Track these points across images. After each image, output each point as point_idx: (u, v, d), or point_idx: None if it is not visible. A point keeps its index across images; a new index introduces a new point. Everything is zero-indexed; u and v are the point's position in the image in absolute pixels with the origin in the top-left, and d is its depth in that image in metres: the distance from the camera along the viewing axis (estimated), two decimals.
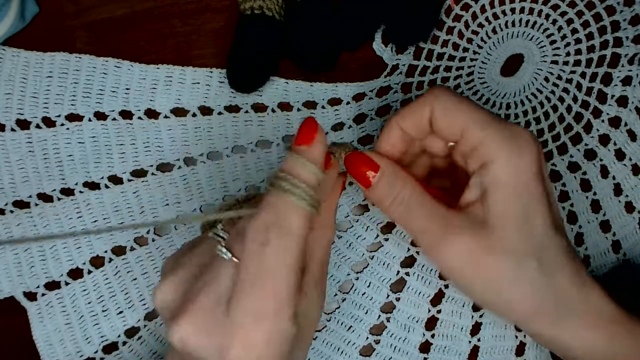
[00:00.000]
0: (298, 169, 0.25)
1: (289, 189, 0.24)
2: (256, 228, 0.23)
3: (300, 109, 0.40)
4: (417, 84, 0.41)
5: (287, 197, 0.24)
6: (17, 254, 0.39)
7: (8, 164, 0.39)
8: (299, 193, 0.24)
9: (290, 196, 0.24)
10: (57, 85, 0.40)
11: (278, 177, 0.24)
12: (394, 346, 0.39)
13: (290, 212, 0.24)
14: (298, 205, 0.24)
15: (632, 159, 0.39)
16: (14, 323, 0.39)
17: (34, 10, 0.41)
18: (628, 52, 0.39)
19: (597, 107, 0.39)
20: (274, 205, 0.24)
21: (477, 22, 0.41)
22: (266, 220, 0.23)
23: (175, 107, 0.40)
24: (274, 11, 0.38)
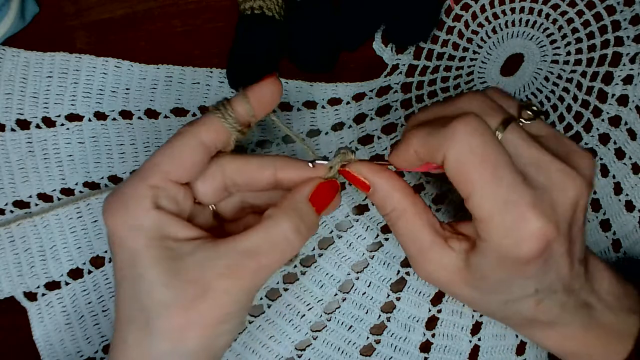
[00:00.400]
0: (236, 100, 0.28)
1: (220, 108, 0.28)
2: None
3: (300, 109, 0.40)
4: (417, 83, 0.41)
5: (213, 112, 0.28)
6: (17, 254, 0.39)
7: (8, 164, 0.39)
8: (224, 111, 0.28)
9: (216, 112, 0.28)
10: (57, 85, 0.40)
11: (219, 101, 0.28)
12: (394, 346, 0.39)
13: (207, 119, 0.27)
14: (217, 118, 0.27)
15: (632, 158, 0.39)
16: (14, 323, 0.39)
17: (34, 10, 0.41)
18: (629, 51, 0.39)
19: (597, 107, 0.39)
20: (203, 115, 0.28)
21: (477, 21, 0.41)
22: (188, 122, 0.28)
23: (175, 107, 0.40)
24: (274, 11, 0.38)
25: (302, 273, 0.39)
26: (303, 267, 0.39)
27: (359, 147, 0.40)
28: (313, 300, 0.39)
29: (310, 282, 0.39)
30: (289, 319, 0.38)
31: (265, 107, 0.29)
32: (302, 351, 0.39)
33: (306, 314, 0.39)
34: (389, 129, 0.40)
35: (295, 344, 0.39)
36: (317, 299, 0.39)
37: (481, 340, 0.39)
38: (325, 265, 0.39)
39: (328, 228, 0.39)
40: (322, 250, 0.39)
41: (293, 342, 0.38)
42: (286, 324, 0.38)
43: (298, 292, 0.39)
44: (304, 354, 0.39)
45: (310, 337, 0.39)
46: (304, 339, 0.39)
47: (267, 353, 0.38)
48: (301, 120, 0.40)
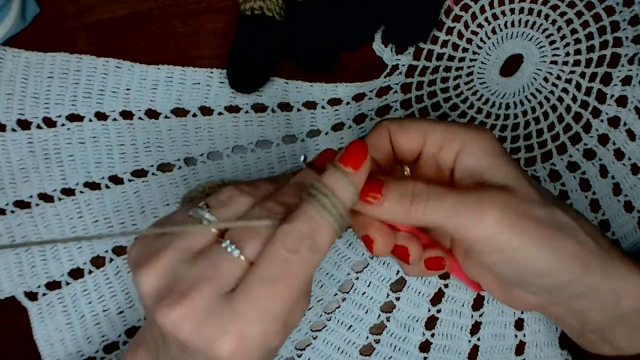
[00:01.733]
0: (340, 189, 0.24)
1: (327, 207, 0.24)
2: (289, 234, 0.23)
3: (300, 109, 0.41)
4: (416, 84, 0.41)
5: (325, 214, 0.24)
6: (18, 254, 0.39)
7: (9, 164, 0.40)
8: (335, 214, 0.24)
9: (328, 215, 0.23)
10: (58, 85, 0.40)
11: (318, 189, 0.24)
12: (394, 345, 0.39)
13: (325, 229, 0.24)
14: (331, 224, 0.24)
15: (631, 159, 0.39)
16: (15, 323, 0.39)
17: (35, 11, 0.41)
18: (628, 52, 0.39)
19: (597, 107, 0.39)
20: (311, 218, 0.24)
21: (477, 22, 0.41)
22: (301, 231, 0.23)
23: (175, 107, 0.40)
24: (274, 12, 0.38)
25: None
26: None
27: None
28: (313, 300, 0.39)
29: None
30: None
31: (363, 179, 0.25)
32: (302, 351, 0.39)
33: (306, 314, 0.39)
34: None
35: (295, 344, 0.39)
36: (317, 298, 0.39)
37: (480, 340, 0.39)
38: (325, 265, 0.39)
39: None
40: None
41: (293, 342, 0.39)
42: None
43: None
44: (303, 353, 0.39)
45: (310, 336, 0.39)
46: (304, 338, 0.39)
47: None
48: (301, 121, 0.40)
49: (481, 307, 0.39)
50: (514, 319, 0.39)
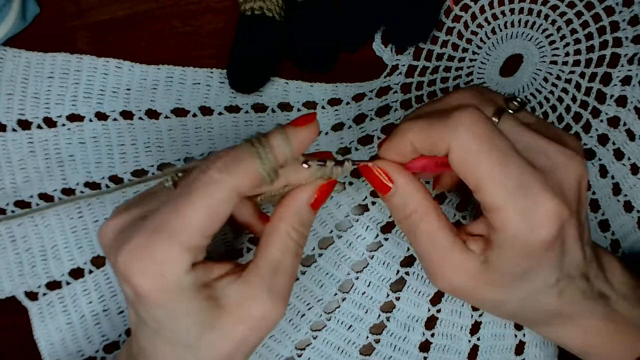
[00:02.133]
0: (275, 140, 0.25)
1: (255, 144, 0.25)
2: (208, 159, 0.24)
3: (300, 109, 0.41)
4: (416, 84, 0.41)
5: (248, 148, 0.24)
6: (19, 254, 0.39)
7: (9, 164, 0.40)
8: (261, 153, 0.24)
9: (251, 149, 0.24)
10: (58, 85, 0.40)
11: (255, 137, 0.25)
12: (394, 345, 0.39)
13: (242, 159, 0.24)
14: (253, 159, 0.24)
15: (631, 159, 0.39)
16: (15, 323, 0.39)
17: (35, 11, 0.41)
18: (628, 52, 0.39)
19: (596, 107, 0.39)
20: (235, 152, 0.24)
21: (477, 22, 0.41)
22: (219, 157, 0.24)
23: (175, 107, 0.40)
24: (274, 12, 0.38)
25: (302, 273, 0.39)
26: (303, 266, 0.39)
27: (359, 147, 0.40)
28: (313, 300, 0.39)
29: (310, 281, 0.39)
30: (289, 318, 0.39)
31: (302, 150, 0.26)
32: (302, 350, 0.39)
33: (306, 314, 0.39)
34: (389, 129, 0.41)
35: (295, 343, 0.39)
36: (317, 298, 0.39)
37: (480, 340, 0.39)
38: (325, 265, 0.39)
39: (328, 228, 0.39)
40: (322, 250, 0.39)
41: (293, 342, 0.39)
42: (286, 324, 0.39)
43: (298, 292, 0.39)
44: (303, 353, 0.39)
45: (310, 336, 0.39)
46: (304, 338, 0.39)
47: (267, 352, 0.38)
48: None
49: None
50: None
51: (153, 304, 0.24)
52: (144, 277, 0.23)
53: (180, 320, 0.24)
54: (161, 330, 0.25)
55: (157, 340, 0.25)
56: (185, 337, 0.25)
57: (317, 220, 0.39)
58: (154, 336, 0.25)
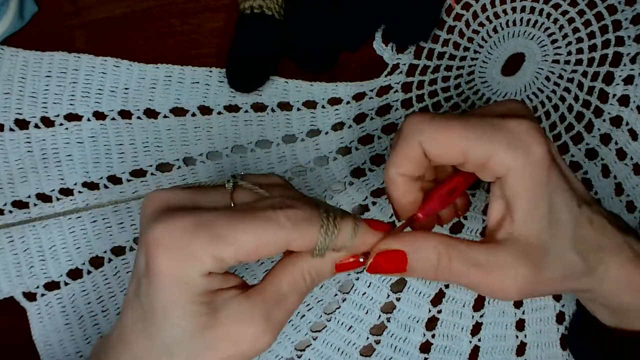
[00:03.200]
0: (346, 228, 0.25)
1: (328, 222, 0.25)
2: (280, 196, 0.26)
3: (300, 109, 0.40)
4: (417, 83, 0.40)
5: (321, 222, 0.25)
6: (17, 254, 0.39)
7: (7, 164, 0.39)
8: (328, 236, 0.25)
9: (322, 228, 0.25)
10: (56, 84, 0.40)
11: (331, 213, 0.25)
12: (394, 346, 0.39)
13: (309, 229, 0.25)
14: (318, 237, 0.25)
15: (634, 159, 0.38)
16: (13, 323, 0.39)
17: (33, 10, 0.40)
18: (630, 51, 0.39)
19: (599, 107, 0.39)
20: (309, 213, 0.25)
21: (478, 21, 0.40)
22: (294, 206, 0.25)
23: (174, 106, 0.40)
24: (273, 10, 0.38)
25: None
26: None
27: (359, 147, 0.40)
28: (313, 301, 0.39)
29: None
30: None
31: (360, 250, 0.26)
32: (301, 351, 0.39)
33: (306, 314, 0.39)
34: (390, 128, 0.40)
35: (295, 344, 0.38)
36: (317, 299, 0.39)
37: (481, 341, 0.38)
38: None
39: None
40: None
41: (293, 343, 0.38)
42: (286, 324, 0.38)
43: None
44: (303, 354, 0.39)
45: (310, 337, 0.39)
46: (304, 339, 0.39)
47: (267, 353, 0.38)
48: (301, 120, 0.40)
49: (482, 308, 0.39)
50: (514, 319, 0.38)
51: (159, 285, 0.24)
52: (167, 258, 0.23)
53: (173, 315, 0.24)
54: (149, 318, 0.25)
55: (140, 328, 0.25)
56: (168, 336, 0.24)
57: None
58: (139, 321, 0.25)
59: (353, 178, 0.40)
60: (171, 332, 0.24)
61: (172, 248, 0.23)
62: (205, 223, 0.24)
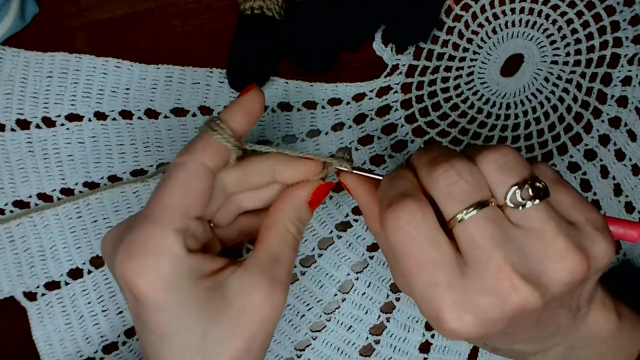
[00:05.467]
0: (224, 114, 0.28)
1: (209, 124, 0.27)
2: (177, 154, 0.27)
3: (300, 109, 0.40)
4: (417, 84, 0.41)
5: (205, 130, 0.27)
6: (17, 254, 0.39)
7: (8, 164, 0.39)
8: (214, 126, 0.27)
9: (205, 128, 0.27)
10: (57, 85, 0.40)
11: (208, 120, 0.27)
12: (393, 346, 0.39)
13: (202, 140, 0.26)
14: (212, 137, 0.26)
15: (632, 159, 0.39)
16: (13, 323, 0.39)
17: (34, 10, 0.41)
18: (628, 52, 0.39)
19: (597, 108, 0.39)
20: (195, 137, 0.27)
21: (477, 22, 0.41)
22: (184, 148, 0.27)
23: (175, 107, 0.40)
24: (274, 11, 0.38)
25: (301, 273, 0.39)
26: (303, 267, 0.39)
27: (359, 148, 0.40)
28: (312, 301, 0.39)
29: (309, 282, 0.39)
30: (289, 319, 0.38)
31: (254, 116, 0.28)
32: (301, 351, 0.39)
33: (306, 314, 0.39)
34: (389, 129, 0.40)
35: (294, 344, 0.39)
36: (317, 299, 0.39)
37: None
38: (324, 266, 0.39)
39: (328, 228, 0.39)
40: (321, 251, 0.39)
41: (292, 342, 0.38)
42: (286, 324, 0.38)
43: (298, 292, 0.39)
44: (303, 354, 0.39)
45: (309, 337, 0.39)
46: (304, 339, 0.39)
47: (266, 353, 0.38)
48: (301, 121, 0.40)
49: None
50: None
51: (153, 305, 0.24)
52: (141, 275, 0.23)
53: (183, 318, 0.24)
54: (165, 336, 0.24)
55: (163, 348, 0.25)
56: (191, 338, 0.24)
57: (317, 220, 0.39)
58: (159, 343, 0.25)
59: None
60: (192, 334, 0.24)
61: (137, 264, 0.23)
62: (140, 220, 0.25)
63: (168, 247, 0.24)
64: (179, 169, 0.25)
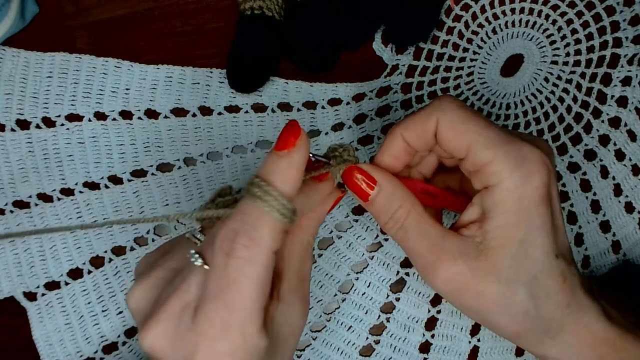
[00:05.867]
0: (273, 176, 0.23)
1: (260, 196, 0.23)
2: (223, 236, 0.22)
3: (300, 109, 0.40)
4: (417, 84, 0.41)
5: (258, 204, 0.23)
6: (17, 254, 0.39)
7: (8, 164, 0.39)
8: (271, 201, 0.23)
9: (262, 204, 0.22)
10: (57, 85, 0.40)
11: (252, 183, 0.23)
12: (393, 346, 0.39)
13: (260, 221, 0.22)
14: (269, 214, 0.23)
15: (632, 160, 0.39)
16: (13, 323, 0.39)
17: (34, 11, 0.41)
18: (627, 52, 0.39)
19: (597, 108, 0.39)
20: (244, 212, 0.23)
21: (477, 22, 0.41)
22: (234, 228, 0.22)
23: (175, 107, 0.40)
24: (274, 11, 0.38)
25: None
26: None
27: (359, 148, 0.40)
28: (312, 301, 0.39)
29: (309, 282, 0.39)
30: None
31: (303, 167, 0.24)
32: (301, 351, 0.39)
33: None
34: (389, 129, 0.40)
35: None
36: (317, 299, 0.39)
37: (480, 341, 0.39)
38: (324, 266, 0.39)
39: (328, 228, 0.39)
40: (321, 251, 0.39)
41: None
42: None
43: None
44: (303, 354, 0.39)
45: (309, 337, 0.39)
46: (304, 339, 0.39)
47: None
48: (301, 121, 0.40)
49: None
50: None
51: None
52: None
53: None
54: None
55: None
56: None
57: None
58: None
59: None
60: None
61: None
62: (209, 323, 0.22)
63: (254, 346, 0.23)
64: (251, 269, 0.22)
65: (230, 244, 0.22)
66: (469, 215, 0.27)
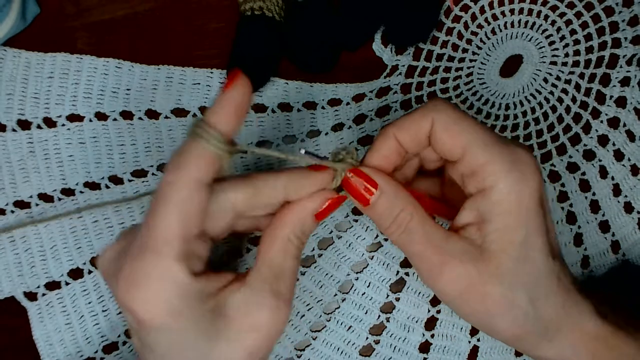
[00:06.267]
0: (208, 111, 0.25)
1: (192, 130, 0.24)
2: (165, 169, 0.24)
3: (300, 110, 0.41)
4: (416, 84, 0.41)
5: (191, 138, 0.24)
6: (18, 254, 0.39)
7: (9, 164, 0.40)
8: (197, 130, 0.24)
9: (191, 135, 0.24)
10: (58, 85, 0.40)
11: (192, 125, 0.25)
12: (393, 346, 0.39)
13: (186, 149, 0.24)
14: (196, 141, 0.24)
15: (631, 160, 0.39)
16: (14, 323, 0.39)
17: (35, 11, 0.41)
18: (626, 52, 0.39)
19: (596, 108, 0.39)
20: (180, 147, 0.24)
21: (477, 23, 0.41)
22: (171, 161, 0.24)
23: (175, 107, 0.40)
24: (274, 12, 0.38)
25: (301, 273, 0.39)
26: (303, 267, 0.39)
27: (359, 148, 0.40)
28: (312, 301, 0.39)
29: (309, 282, 0.39)
30: (289, 319, 0.38)
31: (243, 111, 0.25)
32: (301, 351, 0.39)
33: (305, 314, 0.39)
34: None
35: (294, 344, 0.39)
36: (317, 299, 0.39)
37: (480, 341, 0.39)
38: (324, 266, 0.39)
39: (328, 228, 0.39)
40: (321, 251, 0.39)
41: (292, 342, 0.39)
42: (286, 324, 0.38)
43: (297, 292, 0.39)
44: (303, 354, 0.39)
45: (309, 337, 0.39)
46: (304, 339, 0.39)
47: None
48: (301, 121, 0.40)
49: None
50: None
51: (157, 329, 0.23)
52: (146, 304, 0.23)
53: (187, 339, 0.24)
54: (169, 354, 0.24)
55: None
56: (193, 356, 0.24)
57: None
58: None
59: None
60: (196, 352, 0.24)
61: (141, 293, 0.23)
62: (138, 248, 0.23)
63: (172, 275, 0.23)
64: (170, 190, 0.23)
65: (165, 174, 0.24)
66: (464, 218, 0.27)
